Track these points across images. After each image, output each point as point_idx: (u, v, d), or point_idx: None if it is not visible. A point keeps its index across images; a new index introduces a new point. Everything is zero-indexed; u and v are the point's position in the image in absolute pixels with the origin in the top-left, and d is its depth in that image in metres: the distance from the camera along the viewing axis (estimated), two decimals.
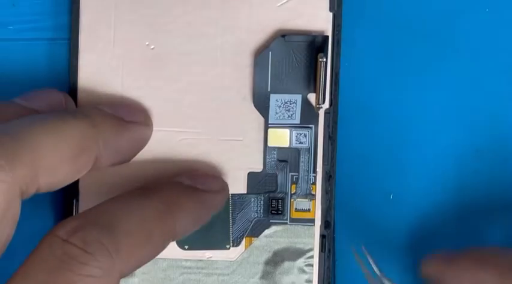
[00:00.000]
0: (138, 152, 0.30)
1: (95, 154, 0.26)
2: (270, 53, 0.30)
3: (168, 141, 0.31)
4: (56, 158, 0.25)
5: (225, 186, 0.30)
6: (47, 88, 0.30)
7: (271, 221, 0.31)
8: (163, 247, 0.27)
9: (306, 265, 0.31)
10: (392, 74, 0.32)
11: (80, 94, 0.30)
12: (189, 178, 0.29)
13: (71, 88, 0.30)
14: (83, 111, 0.27)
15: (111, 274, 0.24)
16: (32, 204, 0.30)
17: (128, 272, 0.25)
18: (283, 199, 0.31)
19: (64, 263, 0.23)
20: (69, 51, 0.31)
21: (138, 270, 0.30)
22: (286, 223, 0.31)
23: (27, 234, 0.29)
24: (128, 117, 0.29)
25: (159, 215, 0.26)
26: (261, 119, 0.31)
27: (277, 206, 0.31)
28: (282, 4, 0.30)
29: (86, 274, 0.23)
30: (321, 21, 0.30)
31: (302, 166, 0.31)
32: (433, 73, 0.32)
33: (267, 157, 0.31)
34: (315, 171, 0.31)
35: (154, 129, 0.30)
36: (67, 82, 0.31)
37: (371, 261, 0.30)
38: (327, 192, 0.31)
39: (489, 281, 0.27)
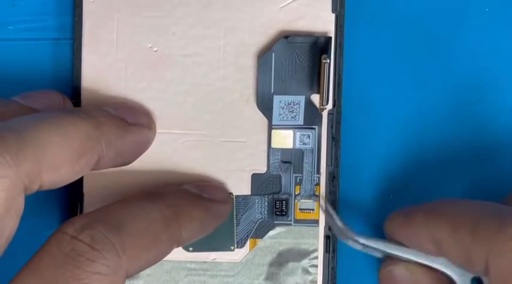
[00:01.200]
0: (141, 155, 0.29)
1: (98, 154, 0.26)
2: (273, 54, 0.30)
3: (171, 143, 0.31)
4: (59, 156, 0.25)
5: (229, 197, 0.30)
6: (46, 89, 0.30)
7: (275, 222, 0.31)
8: (168, 251, 0.27)
9: (311, 266, 0.31)
10: (395, 74, 0.32)
11: (83, 97, 0.30)
12: (194, 187, 0.29)
13: (74, 91, 0.30)
14: (87, 111, 0.27)
15: (117, 271, 0.24)
16: (37, 205, 0.31)
17: (134, 273, 0.25)
18: (287, 200, 0.31)
19: (72, 259, 0.23)
20: (72, 53, 0.31)
21: (142, 272, 0.30)
22: (290, 224, 0.31)
23: (33, 235, 0.29)
24: (131, 119, 0.29)
25: (165, 220, 0.27)
26: (265, 120, 0.31)
27: (281, 207, 0.31)
28: (285, 5, 0.30)
29: (93, 271, 0.23)
30: (324, 23, 0.30)
31: (306, 167, 0.31)
32: (435, 74, 0.32)
33: (271, 158, 0.31)
34: (318, 172, 0.31)
35: (157, 131, 0.30)
36: (69, 82, 0.31)
37: (336, 218, 0.30)
38: (331, 193, 0.31)
39: (441, 233, 0.27)
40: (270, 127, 0.31)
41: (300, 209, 0.31)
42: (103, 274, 0.24)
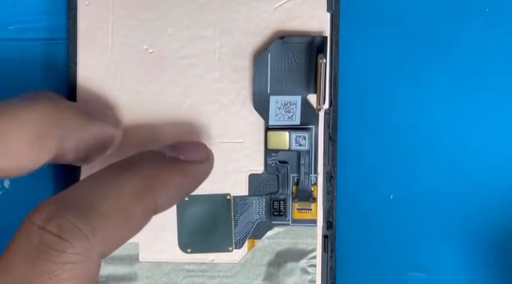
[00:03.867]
0: (104, 153, 0.29)
1: (56, 140, 0.26)
2: (269, 54, 0.30)
3: None
4: (15, 141, 0.25)
5: (209, 154, 0.29)
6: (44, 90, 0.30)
7: (273, 222, 0.31)
8: (144, 223, 0.26)
9: (309, 266, 0.31)
10: (392, 73, 0.32)
11: (79, 100, 0.30)
12: (171, 149, 0.28)
13: (70, 94, 0.30)
14: (53, 98, 0.27)
15: (89, 257, 0.24)
16: (33, 202, 0.31)
17: (110, 252, 0.25)
18: (284, 200, 0.31)
19: (41, 252, 0.23)
20: (68, 56, 0.31)
21: (141, 274, 0.30)
22: (288, 224, 0.31)
23: None
24: (95, 114, 0.28)
25: (138, 193, 0.25)
26: (261, 121, 0.31)
27: (279, 207, 0.31)
28: (279, 6, 0.30)
29: (64, 262, 0.23)
30: (319, 22, 0.30)
31: (303, 167, 0.31)
32: (433, 73, 0.32)
33: (268, 158, 0.31)
34: (316, 172, 0.31)
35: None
36: (67, 82, 0.31)
37: None
38: (329, 193, 0.31)
39: None
40: (267, 127, 0.31)
41: (297, 209, 0.31)
42: (74, 262, 0.23)
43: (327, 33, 0.30)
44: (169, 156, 0.27)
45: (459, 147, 0.32)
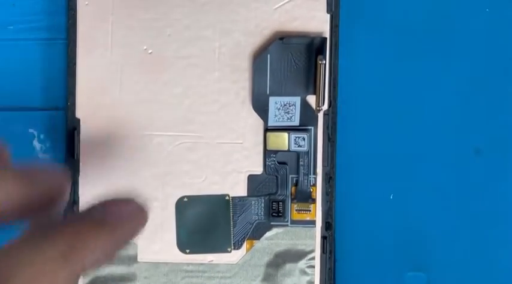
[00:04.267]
0: (56, 205, 0.27)
1: None
2: (269, 55, 0.30)
3: (167, 145, 0.31)
4: None
5: (138, 211, 0.27)
6: None
7: (272, 223, 0.31)
8: None
9: (308, 267, 0.31)
10: (391, 74, 0.32)
11: (78, 100, 0.30)
12: (101, 208, 0.26)
13: (69, 95, 0.30)
14: None
15: None
16: None
17: None
18: (283, 201, 0.31)
19: None
20: (67, 56, 0.31)
21: (139, 274, 0.30)
22: (287, 225, 0.31)
23: None
24: (36, 175, 0.27)
25: (64, 257, 0.24)
26: (260, 122, 0.31)
27: (278, 208, 0.31)
28: (279, 6, 0.30)
29: None
30: (319, 23, 0.30)
31: (302, 168, 0.31)
32: (433, 73, 0.32)
33: (267, 159, 0.31)
34: (315, 173, 0.31)
35: (153, 133, 0.30)
36: (66, 82, 0.31)
37: None
38: (328, 193, 0.31)
39: None
40: (266, 128, 0.30)
41: (296, 210, 0.31)
42: None
43: (327, 34, 0.30)
44: (97, 218, 0.26)
45: (459, 146, 0.32)
